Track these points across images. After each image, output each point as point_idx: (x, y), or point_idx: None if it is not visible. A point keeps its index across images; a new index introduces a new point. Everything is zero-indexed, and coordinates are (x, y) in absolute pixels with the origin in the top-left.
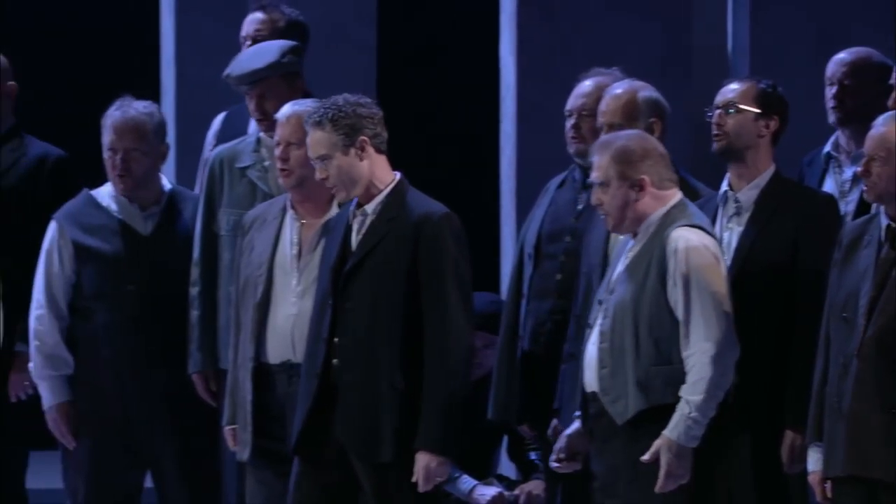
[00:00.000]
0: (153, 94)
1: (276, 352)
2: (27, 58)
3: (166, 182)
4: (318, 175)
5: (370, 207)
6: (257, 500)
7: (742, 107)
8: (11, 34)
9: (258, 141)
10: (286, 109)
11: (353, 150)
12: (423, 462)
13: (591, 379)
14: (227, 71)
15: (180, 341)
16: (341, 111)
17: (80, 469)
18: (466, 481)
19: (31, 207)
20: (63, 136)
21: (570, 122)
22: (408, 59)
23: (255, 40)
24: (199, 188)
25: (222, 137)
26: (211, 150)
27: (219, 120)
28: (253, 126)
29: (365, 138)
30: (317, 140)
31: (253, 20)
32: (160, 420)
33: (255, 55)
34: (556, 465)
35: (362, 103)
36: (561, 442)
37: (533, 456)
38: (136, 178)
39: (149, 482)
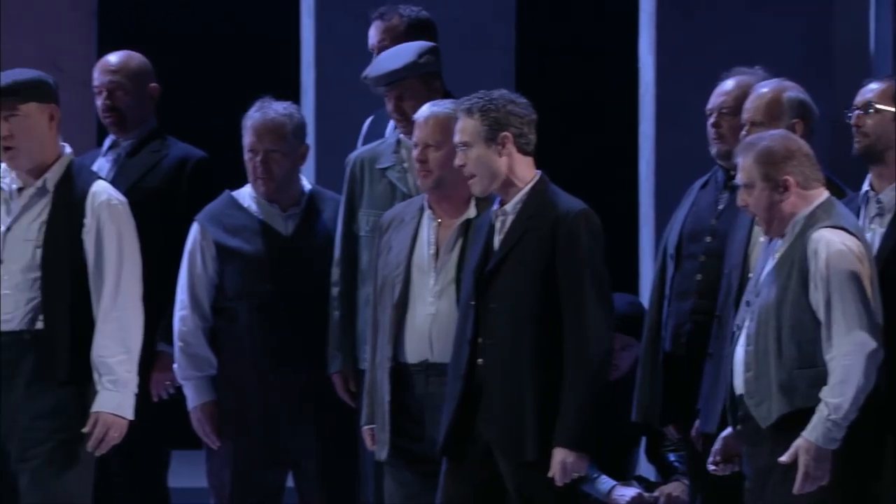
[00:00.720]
0: (293, 94)
1: (414, 352)
2: (169, 59)
3: (306, 183)
4: (457, 161)
5: (510, 206)
6: (395, 500)
7: (880, 107)
8: (155, 36)
9: (398, 142)
10: (423, 111)
11: (494, 145)
12: (560, 457)
13: (738, 382)
14: (366, 72)
15: (320, 342)
16: (492, 103)
17: (223, 468)
18: (605, 482)
19: (171, 208)
20: (205, 137)
21: (710, 121)
22: (547, 58)
23: (381, 51)
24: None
25: (369, 140)
26: None
27: (367, 123)
28: (391, 128)
29: (508, 135)
30: (463, 127)
31: (374, 31)
32: (301, 420)
33: (393, 56)
34: (712, 467)
35: (516, 102)
36: (717, 444)
37: (672, 457)
38: (277, 180)
39: (290, 482)
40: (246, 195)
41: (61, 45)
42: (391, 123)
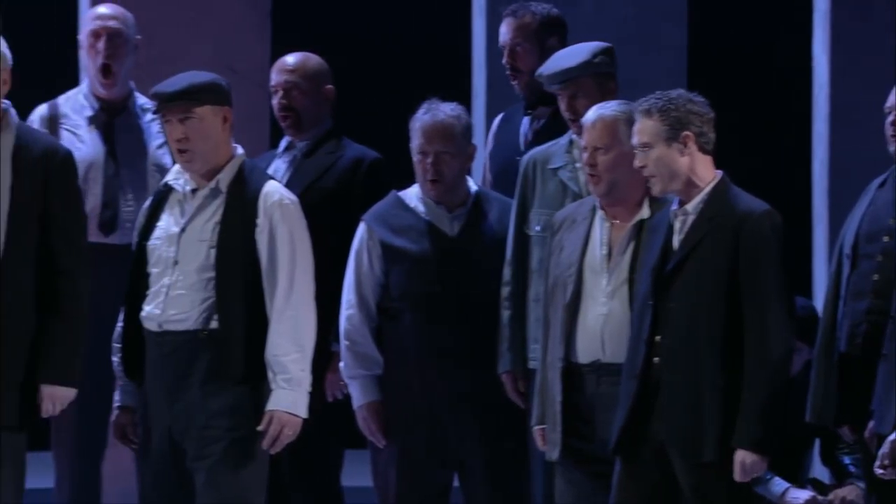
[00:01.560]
0: (464, 95)
1: (586, 352)
2: (339, 60)
3: (472, 184)
4: (637, 162)
5: (691, 206)
6: (566, 500)
7: None
8: (328, 37)
9: (570, 142)
10: (590, 114)
11: (675, 144)
12: (741, 458)
13: None
14: (540, 70)
15: (487, 342)
16: (671, 103)
17: (389, 468)
18: (779, 484)
19: (345, 209)
20: (379, 138)
21: (888, 119)
22: (718, 58)
23: (512, 50)
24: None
25: (499, 137)
26: (488, 151)
27: (497, 122)
28: (525, 127)
29: (689, 134)
30: (642, 128)
31: (505, 28)
32: (467, 420)
33: (568, 55)
34: (880, 471)
35: (695, 101)
36: (885, 447)
37: (847, 460)
38: (447, 182)
39: (457, 481)
40: (413, 196)
41: (236, 47)
42: (524, 122)
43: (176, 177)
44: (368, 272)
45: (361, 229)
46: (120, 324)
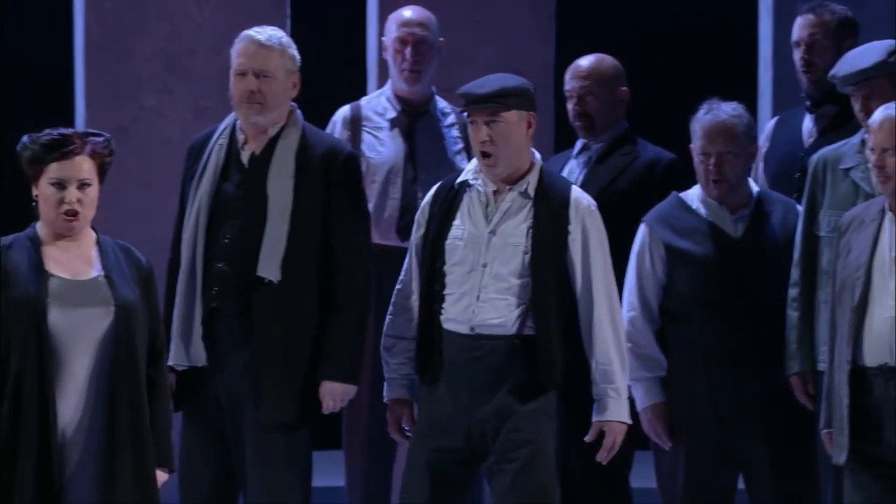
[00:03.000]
0: (750, 94)
1: (873, 355)
2: (626, 61)
3: (753, 185)
4: None
5: None
6: None
7: None
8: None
9: (862, 142)
10: (878, 115)
11: None
12: None
13: None
14: (833, 71)
15: (775, 344)
16: None
17: (676, 470)
18: None
19: (640, 211)
20: (670, 138)
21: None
22: None
23: (810, 45)
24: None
25: (776, 139)
26: (762, 152)
27: (772, 125)
28: (807, 126)
29: None
30: None
31: (804, 23)
32: (753, 422)
33: (861, 55)
34: None
35: None
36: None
37: None
38: (730, 182)
39: (741, 483)
40: (694, 197)
41: (520, 49)
42: (807, 121)
43: (474, 177)
44: (650, 274)
45: (643, 231)
46: (389, 316)
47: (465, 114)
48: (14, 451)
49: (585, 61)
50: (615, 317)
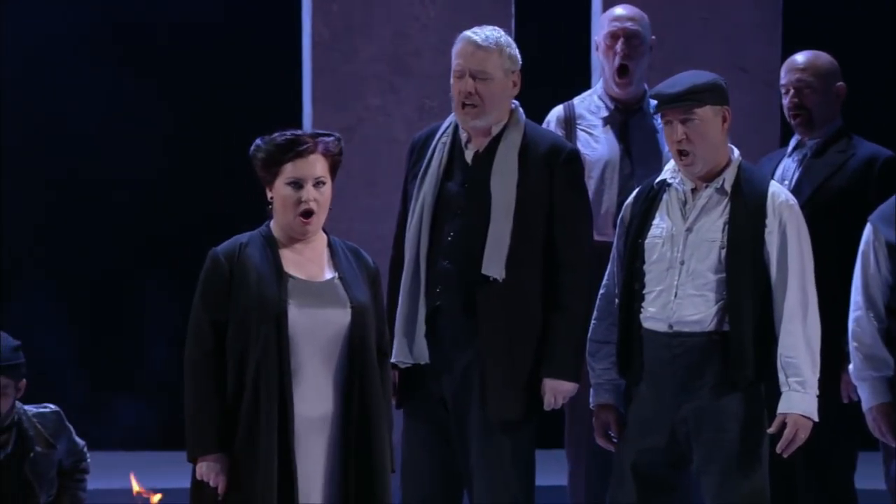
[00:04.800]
0: None
1: None
2: (852, 58)
3: None
4: None
5: None
6: None
7: None
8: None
9: None
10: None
11: None
12: None
13: None
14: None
15: None
16: None
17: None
18: None
19: (858, 209)
20: (886, 138)
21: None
22: None
23: None
24: None
25: None
26: None
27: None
28: None
29: None
30: None
31: None
32: None
33: None
34: None
35: None
36: None
37: None
38: None
39: None
40: None
41: (746, 47)
42: None
43: (673, 175)
44: (876, 273)
45: (868, 230)
46: (594, 321)
47: (659, 115)
48: (255, 440)
49: (801, 56)
50: (807, 311)
